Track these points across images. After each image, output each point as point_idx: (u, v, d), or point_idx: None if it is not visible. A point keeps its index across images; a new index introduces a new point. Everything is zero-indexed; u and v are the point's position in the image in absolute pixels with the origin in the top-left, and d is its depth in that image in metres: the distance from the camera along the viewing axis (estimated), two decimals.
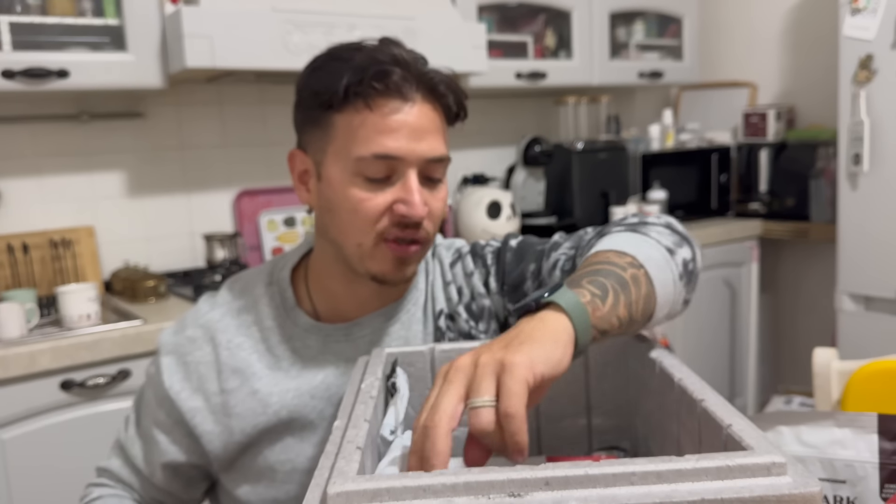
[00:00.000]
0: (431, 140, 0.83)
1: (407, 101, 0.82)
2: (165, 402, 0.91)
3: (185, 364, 0.91)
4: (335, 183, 0.83)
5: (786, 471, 0.48)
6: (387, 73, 0.80)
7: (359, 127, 0.81)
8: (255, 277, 0.96)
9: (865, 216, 2.25)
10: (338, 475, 0.49)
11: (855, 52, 2.20)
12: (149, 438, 0.93)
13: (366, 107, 0.81)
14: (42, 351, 1.53)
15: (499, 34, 2.51)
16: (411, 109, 0.82)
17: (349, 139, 0.82)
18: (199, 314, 0.95)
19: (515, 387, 0.53)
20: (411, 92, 0.82)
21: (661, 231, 0.81)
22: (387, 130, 0.81)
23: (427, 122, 0.83)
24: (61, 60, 1.72)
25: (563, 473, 0.47)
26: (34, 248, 1.95)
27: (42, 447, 1.57)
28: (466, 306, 0.93)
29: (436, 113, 0.85)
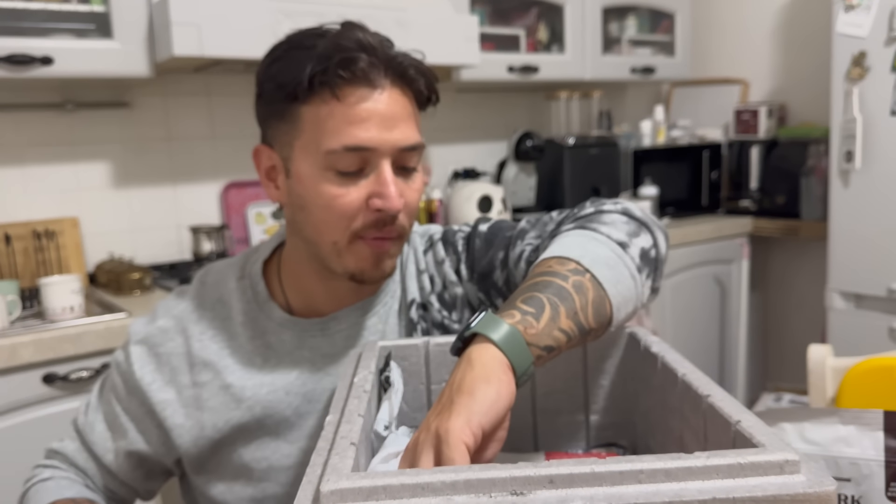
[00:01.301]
0: (404, 127, 0.79)
1: (375, 87, 0.78)
2: (136, 391, 0.89)
3: (156, 355, 0.89)
4: (306, 179, 0.80)
5: (799, 469, 0.46)
6: (353, 60, 0.76)
7: (327, 118, 0.77)
8: (227, 270, 0.93)
9: (857, 214, 2.24)
10: (331, 472, 0.47)
11: (848, 49, 2.20)
12: (115, 426, 0.91)
13: (333, 97, 0.77)
14: (24, 344, 1.50)
15: (491, 27, 2.48)
16: (381, 96, 0.78)
17: (317, 132, 0.78)
18: (171, 305, 0.92)
19: (453, 455, 0.51)
20: (379, 78, 0.78)
21: (616, 221, 0.77)
22: (357, 120, 0.77)
23: (398, 109, 0.79)
24: (45, 47, 1.68)
25: (567, 471, 0.45)
26: (17, 239, 1.91)
27: (24, 442, 1.53)
28: (439, 295, 0.90)
29: (406, 98, 0.81)
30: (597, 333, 0.69)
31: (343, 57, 0.76)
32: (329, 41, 0.77)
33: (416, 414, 0.78)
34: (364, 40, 0.78)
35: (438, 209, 2.47)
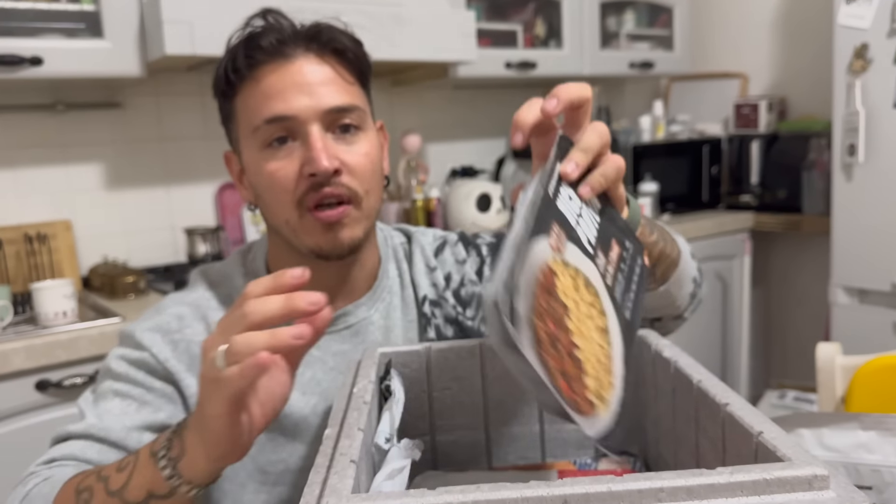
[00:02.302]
0: (324, 91, 0.80)
1: (287, 58, 0.80)
2: (160, 373, 0.83)
3: (173, 342, 0.84)
4: (250, 165, 0.83)
5: (828, 484, 0.43)
6: (255, 41, 0.80)
7: (249, 101, 0.81)
8: (228, 269, 0.91)
9: (860, 208, 2.22)
10: (331, 493, 0.44)
11: (850, 41, 2.17)
12: (132, 404, 0.82)
13: (251, 80, 0.81)
14: (16, 350, 1.47)
15: (487, 23, 2.45)
16: (292, 66, 0.80)
17: (246, 117, 0.82)
18: (180, 297, 0.89)
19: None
20: (289, 49, 0.80)
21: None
22: (272, 93, 0.79)
23: (316, 75, 0.80)
24: (35, 47, 1.65)
25: (582, 490, 0.42)
26: (8, 243, 1.88)
27: (17, 450, 1.50)
28: (455, 292, 0.92)
29: (327, 63, 0.82)
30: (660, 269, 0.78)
31: (248, 43, 0.81)
32: (240, 34, 0.83)
33: (417, 422, 0.75)
34: (271, 21, 0.82)
35: (437, 208, 2.44)
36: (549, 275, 0.53)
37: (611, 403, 0.54)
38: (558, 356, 0.51)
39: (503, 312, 0.47)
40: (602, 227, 0.62)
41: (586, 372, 0.52)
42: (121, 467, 0.63)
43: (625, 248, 0.64)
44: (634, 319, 0.61)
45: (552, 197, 0.58)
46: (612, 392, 0.55)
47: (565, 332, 0.53)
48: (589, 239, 0.59)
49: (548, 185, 0.58)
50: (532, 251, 0.53)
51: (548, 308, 0.52)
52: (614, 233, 0.63)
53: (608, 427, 0.53)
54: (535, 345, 0.50)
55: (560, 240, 0.56)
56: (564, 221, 0.57)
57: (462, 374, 0.75)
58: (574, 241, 0.57)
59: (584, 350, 0.53)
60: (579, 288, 0.55)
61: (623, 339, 0.58)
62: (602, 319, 0.56)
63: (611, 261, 0.61)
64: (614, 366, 0.56)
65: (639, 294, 0.63)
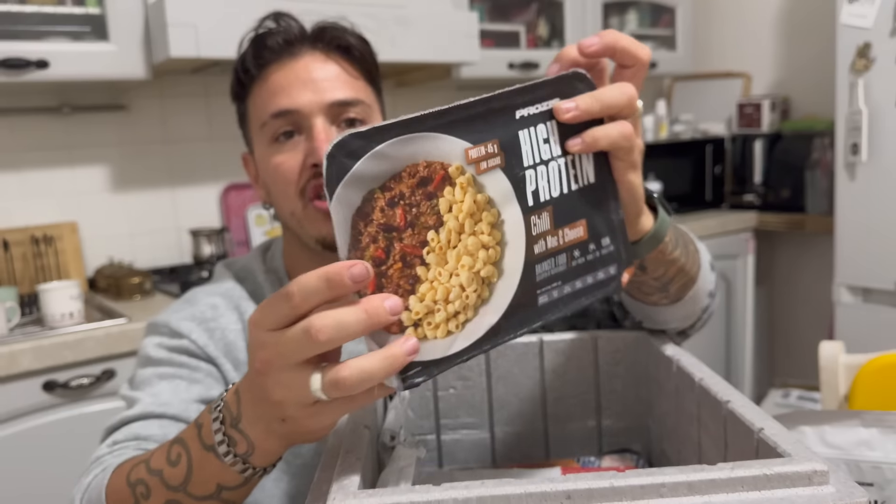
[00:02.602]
0: (329, 85, 0.82)
1: (294, 57, 0.83)
2: (202, 357, 0.83)
3: (209, 330, 0.85)
4: (261, 161, 0.85)
5: (828, 479, 0.44)
6: (263, 42, 0.83)
7: (258, 100, 0.84)
8: (252, 264, 0.93)
9: (864, 207, 2.22)
10: (338, 490, 0.45)
11: (852, 40, 2.17)
12: (192, 381, 0.82)
13: (260, 80, 0.84)
14: (23, 351, 1.48)
15: (490, 23, 2.46)
16: (298, 63, 0.82)
17: (256, 114, 0.85)
18: (212, 288, 0.90)
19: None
20: (295, 48, 0.83)
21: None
22: (277, 90, 0.82)
23: (321, 71, 0.82)
24: (41, 50, 1.66)
25: (585, 486, 0.43)
26: (15, 245, 1.89)
27: (25, 450, 1.51)
28: None
29: (332, 60, 0.84)
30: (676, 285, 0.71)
31: (255, 45, 0.83)
32: (248, 38, 0.85)
33: (422, 422, 0.76)
34: (279, 23, 0.84)
35: None
36: (439, 175, 0.47)
37: (438, 341, 0.47)
38: (385, 252, 0.46)
39: (343, 153, 0.44)
40: (572, 198, 0.52)
41: (417, 292, 0.46)
42: (172, 460, 0.58)
43: (597, 243, 0.54)
44: (543, 310, 0.51)
45: (515, 116, 0.50)
46: (449, 337, 0.48)
47: (416, 237, 0.46)
48: (537, 192, 0.51)
49: (518, 101, 0.50)
50: (429, 138, 0.47)
51: (410, 201, 0.46)
52: (591, 217, 0.53)
53: (420, 359, 0.46)
54: (358, 216, 0.45)
55: (487, 159, 0.48)
56: (513, 150, 0.49)
57: (467, 373, 0.76)
58: (512, 178, 0.49)
59: (430, 271, 0.47)
60: (478, 220, 0.48)
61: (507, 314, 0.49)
62: (488, 270, 0.49)
63: (559, 235, 0.51)
64: (473, 323, 0.48)
65: (575, 297, 0.53)
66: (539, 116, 0.51)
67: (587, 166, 0.53)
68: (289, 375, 0.45)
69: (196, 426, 0.56)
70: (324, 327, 0.43)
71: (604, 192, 0.54)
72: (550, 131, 0.51)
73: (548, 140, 0.51)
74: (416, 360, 0.46)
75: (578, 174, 0.53)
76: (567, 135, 0.52)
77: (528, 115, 0.50)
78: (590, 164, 0.54)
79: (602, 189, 0.54)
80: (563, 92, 0.52)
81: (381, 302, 0.44)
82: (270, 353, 0.45)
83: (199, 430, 0.55)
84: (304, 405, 0.46)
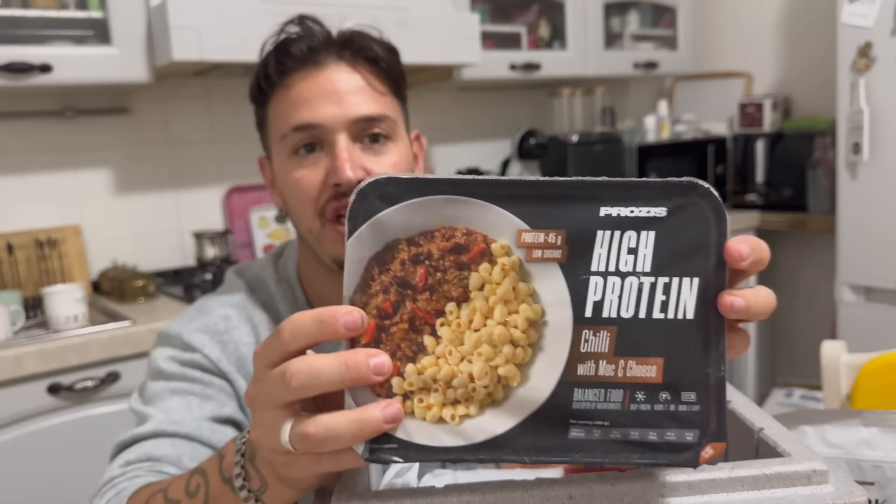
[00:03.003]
0: (353, 99, 0.79)
1: (318, 66, 0.80)
2: (215, 372, 0.82)
3: (222, 343, 0.83)
4: (279, 172, 0.83)
5: (827, 479, 0.44)
6: (286, 48, 0.80)
7: (279, 108, 0.81)
8: (263, 272, 0.91)
9: (866, 206, 2.22)
10: (342, 490, 0.45)
11: (854, 39, 2.17)
12: (204, 398, 0.81)
13: (282, 88, 0.81)
14: (28, 354, 1.48)
15: (492, 25, 2.46)
16: (322, 74, 0.79)
17: (276, 123, 0.82)
18: (224, 299, 0.88)
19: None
20: (320, 57, 0.80)
21: None
22: (301, 101, 0.79)
23: (346, 83, 0.80)
24: (44, 54, 1.67)
25: (587, 487, 0.43)
26: (19, 249, 1.90)
27: (30, 453, 1.52)
28: None
29: (357, 72, 0.81)
30: None
31: (280, 50, 0.80)
32: (275, 40, 0.82)
33: None
34: (306, 27, 0.81)
35: None
36: (479, 248, 0.42)
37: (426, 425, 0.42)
38: (394, 307, 0.42)
39: (377, 194, 0.42)
40: (649, 328, 0.42)
41: (417, 362, 0.42)
42: (191, 491, 0.57)
43: (674, 393, 0.42)
44: (573, 446, 0.42)
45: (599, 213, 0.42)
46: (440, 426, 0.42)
47: (433, 304, 0.42)
48: (601, 305, 0.42)
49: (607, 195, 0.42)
50: (477, 205, 0.42)
51: (437, 264, 0.42)
52: (672, 359, 0.42)
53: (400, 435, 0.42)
54: (375, 259, 0.42)
55: (545, 249, 0.42)
56: (582, 248, 0.42)
57: None
58: (570, 278, 0.42)
59: (439, 346, 0.42)
60: (514, 310, 0.42)
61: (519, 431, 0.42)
62: (509, 369, 0.42)
63: (618, 365, 0.42)
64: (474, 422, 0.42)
65: (624, 449, 0.42)
66: (632, 221, 0.42)
67: (687, 297, 0.42)
68: (266, 417, 0.43)
69: (218, 457, 0.55)
70: (298, 373, 0.40)
71: (701, 336, 0.42)
72: (643, 243, 0.42)
73: (635, 251, 0.42)
74: (395, 436, 0.41)
75: (670, 302, 0.42)
76: (668, 256, 0.42)
77: (618, 216, 0.42)
78: (691, 296, 0.42)
79: (699, 331, 0.42)
80: (673, 200, 0.42)
81: (365, 357, 0.40)
82: (256, 390, 0.43)
83: (220, 461, 0.54)
84: (275, 452, 0.44)
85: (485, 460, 0.42)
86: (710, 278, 0.42)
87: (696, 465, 0.42)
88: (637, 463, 0.42)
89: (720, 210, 0.42)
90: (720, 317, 0.42)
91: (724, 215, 0.42)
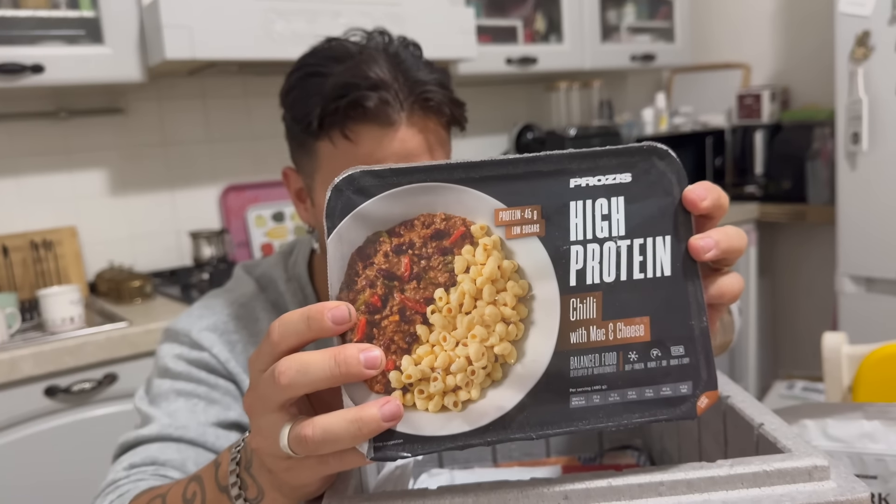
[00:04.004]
0: (418, 159, 0.75)
1: (390, 125, 0.74)
2: (222, 372, 0.82)
3: (230, 343, 0.83)
4: (320, 200, 0.79)
5: (829, 475, 0.43)
6: (362, 102, 0.73)
7: (340, 159, 0.75)
8: (272, 270, 0.90)
9: (865, 196, 2.21)
10: (332, 495, 0.44)
11: (851, 28, 2.16)
12: (210, 401, 0.80)
13: (344, 137, 0.75)
14: (24, 357, 1.47)
15: (487, 19, 2.45)
16: (396, 134, 0.74)
17: (333, 172, 0.76)
18: (232, 297, 0.87)
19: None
20: (394, 114, 0.74)
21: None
22: (367, 158, 0.74)
23: (415, 145, 0.75)
24: (36, 55, 1.66)
25: (583, 486, 0.42)
26: (14, 251, 1.89)
27: (27, 456, 1.51)
28: None
29: (427, 130, 0.77)
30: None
31: (352, 99, 0.73)
32: (340, 76, 0.74)
33: None
34: (378, 75, 0.74)
35: None
36: (459, 231, 0.43)
37: (429, 416, 0.42)
38: (382, 300, 0.42)
39: (352, 189, 0.42)
40: (632, 289, 0.44)
41: (413, 353, 0.42)
42: (187, 498, 0.57)
43: (664, 349, 0.44)
44: (576, 415, 0.43)
45: (569, 185, 0.44)
46: (444, 414, 0.42)
47: (421, 292, 0.43)
48: (583, 273, 0.44)
49: (574, 168, 0.44)
50: (453, 190, 0.43)
51: (420, 252, 0.43)
52: (657, 316, 0.44)
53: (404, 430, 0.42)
54: (358, 255, 0.42)
55: (522, 225, 0.43)
56: (558, 220, 0.43)
57: None
58: (552, 250, 0.43)
59: (432, 333, 0.42)
60: (501, 289, 0.43)
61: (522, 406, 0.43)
62: (504, 347, 0.43)
63: (608, 329, 0.43)
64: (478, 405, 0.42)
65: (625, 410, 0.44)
66: (601, 189, 0.44)
67: (662, 254, 0.44)
68: (264, 422, 0.42)
69: (214, 465, 0.54)
70: (286, 370, 0.39)
71: (680, 291, 0.44)
72: (615, 208, 0.44)
73: (608, 217, 0.44)
74: (398, 430, 0.41)
75: (647, 262, 0.44)
76: (639, 218, 0.44)
77: (587, 186, 0.44)
78: (665, 253, 0.44)
79: (678, 286, 0.44)
80: (637, 167, 0.44)
81: (355, 352, 0.39)
82: (253, 396, 0.43)
83: (216, 469, 0.54)
84: (277, 457, 0.43)
85: (493, 442, 0.43)
86: (680, 233, 0.45)
87: (695, 417, 0.44)
88: (638, 422, 0.44)
89: (679, 170, 0.45)
90: (695, 269, 0.45)
91: (683, 174, 0.45)
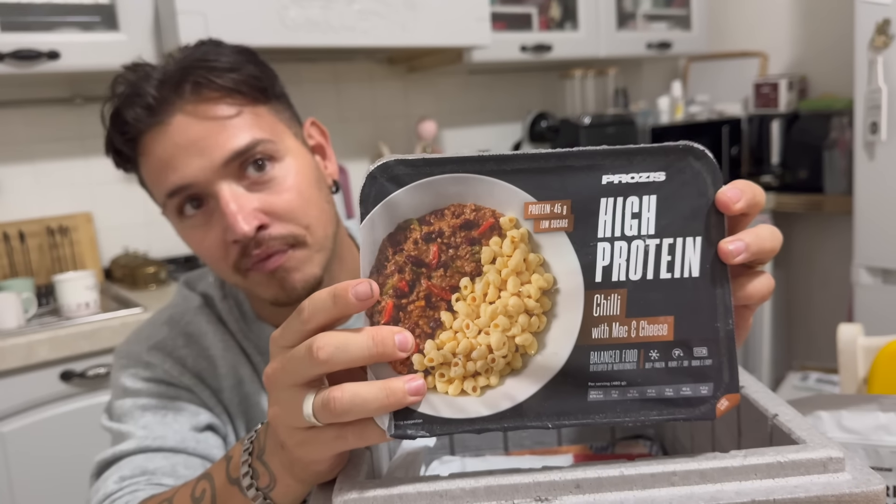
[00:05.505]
0: (214, 141, 0.72)
1: (162, 123, 0.73)
2: (181, 384, 0.82)
3: (179, 359, 0.84)
4: (178, 232, 0.81)
5: (844, 466, 0.43)
6: (121, 118, 0.74)
7: (147, 174, 0.77)
8: (210, 288, 0.89)
9: (883, 186, 2.18)
10: (344, 479, 0.44)
11: (871, 16, 2.13)
12: (177, 410, 0.81)
13: (139, 154, 0.75)
14: (40, 341, 1.49)
15: (502, 5, 2.44)
16: (171, 129, 0.72)
17: (152, 189, 0.78)
18: (172, 312, 0.88)
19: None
20: (162, 112, 0.73)
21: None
22: (161, 165, 0.73)
23: (197, 129, 0.72)
24: (51, 41, 1.67)
25: (595, 475, 0.42)
26: (31, 237, 1.90)
27: (43, 439, 1.53)
28: None
29: (207, 109, 0.73)
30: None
31: (116, 121, 0.75)
32: (114, 104, 0.76)
33: None
34: (137, 84, 0.74)
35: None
36: (488, 222, 0.44)
37: (448, 398, 0.43)
38: (409, 285, 0.43)
39: (386, 177, 0.43)
40: (657, 288, 0.44)
41: (436, 338, 0.43)
42: (196, 497, 0.57)
43: (686, 349, 0.44)
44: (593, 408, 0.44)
45: (601, 181, 0.43)
46: (463, 398, 0.44)
47: (447, 280, 0.44)
48: (609, 269, 0.44)
49: (608, 165, 0.43)
50: (484, 182, 0.43)
51: (449, 241, 0.44)
52: (682, 316, 0.44)
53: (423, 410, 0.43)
54: (388, 240, 0.43)
55: (551, 219, 0.44)
56: (587, 217, 0.43)
57: None
58: (579, 246, 0.44)
59: (456, 320, 0.44)
60: (526, 281, 0.44)
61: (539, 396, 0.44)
62: (526, 338, 0.44)
63: (630, 326, 0.44)
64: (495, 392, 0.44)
65: (643, 407, 0.44)
66: (633, 187, 0.43)
67: (691, 255, 0.44)
68: (287, 394, 0.43)
69: (226, 459, 0.55)
70: (325, 345, 0.41)
71: (708, 292, 0.44)
72: (646, 207, 0.44)
73: (638, 215, 0.44)
74: (417, 410, 0.43)
75: (675, 263, 0.44)
76: (670, 217, 0.44)
77: (619, 183, 0.43)
78: (695, 254, 0.44)
79: (706, 288, 0.44)
80: (672, 166, 0.44)
81: (390, 333, 0.42)
82: (276, 368, 0.44)
83: (227, 463, 0.55)
84: (293, 428, 0.44)
85: (509, 428, 0.44)
86: (712, 235, 0.44)
87: (714, 418, 0.44)
88: (656, 420, 0.44)
89: (716, 171, 0.44)
90: (724, 272, 0.44)
91: (719, 175, 0.44)
